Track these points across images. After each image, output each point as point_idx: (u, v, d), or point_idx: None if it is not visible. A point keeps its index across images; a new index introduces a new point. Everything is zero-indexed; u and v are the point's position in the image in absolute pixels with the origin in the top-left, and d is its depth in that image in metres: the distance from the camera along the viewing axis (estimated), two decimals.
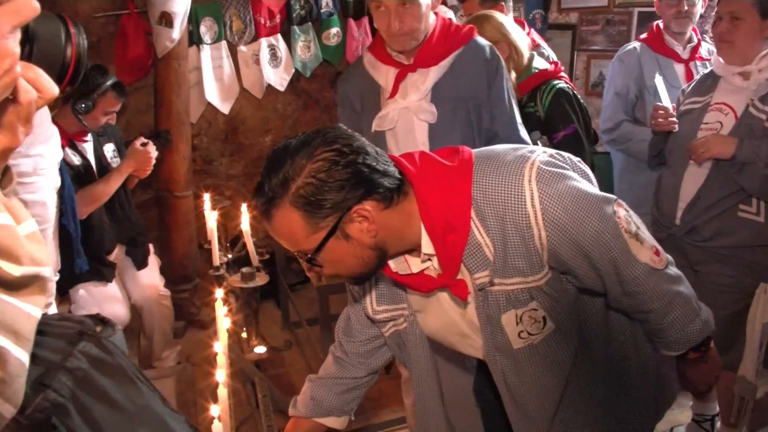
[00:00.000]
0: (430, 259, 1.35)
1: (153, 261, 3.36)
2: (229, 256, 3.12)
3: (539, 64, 2.64)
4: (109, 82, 2.96)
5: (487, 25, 2.50)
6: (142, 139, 3.16)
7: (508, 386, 1.45)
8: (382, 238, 1.28)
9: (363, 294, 1.53)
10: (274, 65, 4.19)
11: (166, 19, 3.46)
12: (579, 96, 2.65)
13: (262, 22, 4.08)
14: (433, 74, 2.13)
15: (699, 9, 2.93)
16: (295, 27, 4.20)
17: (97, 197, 2.97)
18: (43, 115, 2.78)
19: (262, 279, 2.50)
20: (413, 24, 2.03)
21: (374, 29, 4.40)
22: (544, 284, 1.33)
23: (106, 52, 3.76)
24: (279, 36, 4.17)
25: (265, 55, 4.12)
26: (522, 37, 2.62)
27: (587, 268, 1.32)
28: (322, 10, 4.27)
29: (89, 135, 3.08)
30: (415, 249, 1.35)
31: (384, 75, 2.19)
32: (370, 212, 1.24)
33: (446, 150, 1.39)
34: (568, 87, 2.61)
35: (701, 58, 2.98)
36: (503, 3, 2.93)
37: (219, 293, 2.22)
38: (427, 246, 1.32)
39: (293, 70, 4.25)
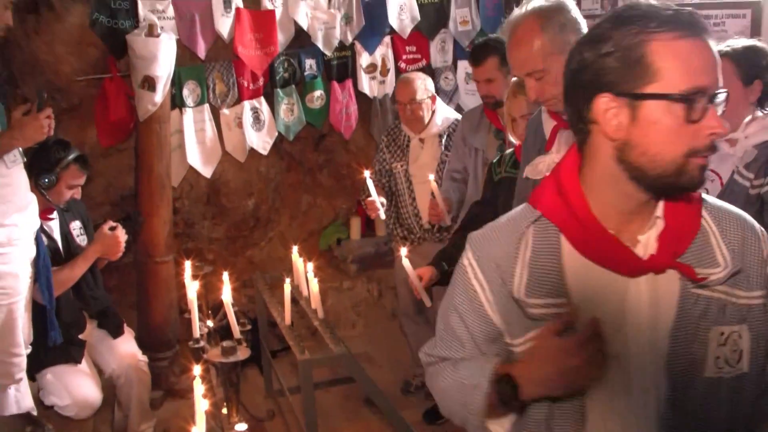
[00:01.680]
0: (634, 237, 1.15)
1: (127, 330, 3.29)
2: (210, 324, 3.03)
3: None
4: (71, 156, 2.96)
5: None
6: (111, 223, 3.14)
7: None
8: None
9: (506, 276, 1.17)
10: (257, 128, 4.16)
11: (149, 83, 3.44)
12: None
13: (246, 84, 4.07)
14: None
15: None
16: (279, 89, 4.20)
17: (62, 283, 2.93)
18: (21, 182, 2.72)
19: (243, 353, 2.41)
20: (552, 91, 1.91)
21: (358, 91, 4.42)
22: (758, 305, 1.16)
23: (86, 114, 3.73)
24: (262, 98, 4.15)
25: (248, 117, 4.09)
26: None
27: None
28: (305, 73, 4.27)
29: (55, 213, 3.04)
30: (631, 213, 1.14)
31: (548, 126, 2.09)
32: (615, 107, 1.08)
33: None
34: None
35: None
36: None
37: (197, 370, 2.13)
38: (661, 207, 1.13)
39: (276, 133, 4.22)
